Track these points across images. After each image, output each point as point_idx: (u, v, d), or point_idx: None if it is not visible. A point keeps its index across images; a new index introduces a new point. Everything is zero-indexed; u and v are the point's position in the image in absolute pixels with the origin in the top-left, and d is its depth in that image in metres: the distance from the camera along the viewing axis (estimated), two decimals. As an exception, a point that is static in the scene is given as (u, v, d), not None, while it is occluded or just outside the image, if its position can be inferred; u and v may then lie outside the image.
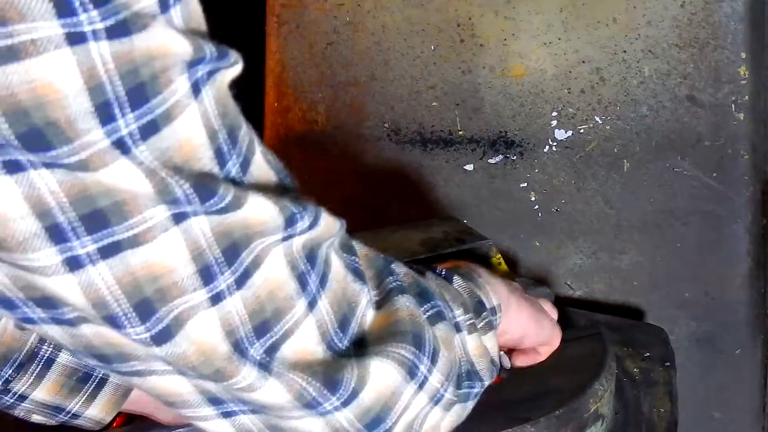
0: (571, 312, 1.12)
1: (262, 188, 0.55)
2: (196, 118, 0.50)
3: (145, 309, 0.52)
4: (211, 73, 0.51)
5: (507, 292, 0.82)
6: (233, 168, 0.53)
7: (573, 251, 1.44)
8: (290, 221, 0.56)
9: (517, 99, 1.41)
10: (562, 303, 1.18)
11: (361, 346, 0.62)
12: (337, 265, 0.61)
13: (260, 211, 0.54)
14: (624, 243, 1.43)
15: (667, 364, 1.15)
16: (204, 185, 0.51)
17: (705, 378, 1.47)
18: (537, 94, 1.40)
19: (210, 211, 0.52)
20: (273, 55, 1.51)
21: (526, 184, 1.43)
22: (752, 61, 1.36)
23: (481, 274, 0.81)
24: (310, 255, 0.58)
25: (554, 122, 1.40)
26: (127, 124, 0.47)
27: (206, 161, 0.51)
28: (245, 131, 0.55)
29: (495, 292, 0.80)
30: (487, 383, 0.75)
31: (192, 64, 0.49)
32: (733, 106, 1.37)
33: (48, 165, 0.47)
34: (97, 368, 0.78)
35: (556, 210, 1.43)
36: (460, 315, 0.73)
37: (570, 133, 1.40)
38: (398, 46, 1.43)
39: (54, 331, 0.54)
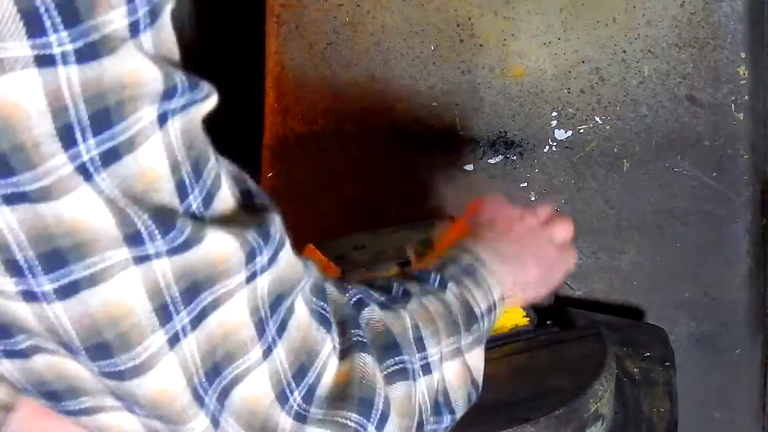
0: (571, 312, 1.12)
1: (224, 222, 0.53)
2: (159, 149, 0.49)
3: (103, 352, 0.51)
4: (183, 107, 0.50)
5: (512, 278, 0.81)
6: (195, 202, 0.52)
7: (573, 251, 1.44)
8: (251, 255, 0.54)
9: (517, 99, 1.41)
10: (562, 303, 1.18)
11: (310, 402, 0.60)
12: (302, 312, 0.59)
13: (220, 246, 0.52)
14: (624, 243, 1.43)
15: (667, 364, 1.15)
16: (163, 218, 0.49)
17: (705, 378, 1.47)
18: (537, 94, 1.40)
19: (170, 248, 0.50)
20: (273, 56, 1.51)
21: (526, 184, 1.43)
22: (752, 60, 1.36)
23: (484, 261, 0.78)
24: (275, 301, 0.57)
25: (554, 122, 1.40)
26: (88, 149, 0.46)
27: (166, 193, 0.50)
28: (212, 165, 0.53)
29: (497, 278, 0.78)
30: (459, 414, 0.72)
31: (161, 93, 0.48)
32: (732, 105, 1.37)
33: (8, 199, 0.46)
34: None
35: (556, 210, 1.43)
36: (444, 344, 0.70)
37: (570, 133, 1.40)
38: (398, 47, 1.43)
39: (5, 367, 0.53)
